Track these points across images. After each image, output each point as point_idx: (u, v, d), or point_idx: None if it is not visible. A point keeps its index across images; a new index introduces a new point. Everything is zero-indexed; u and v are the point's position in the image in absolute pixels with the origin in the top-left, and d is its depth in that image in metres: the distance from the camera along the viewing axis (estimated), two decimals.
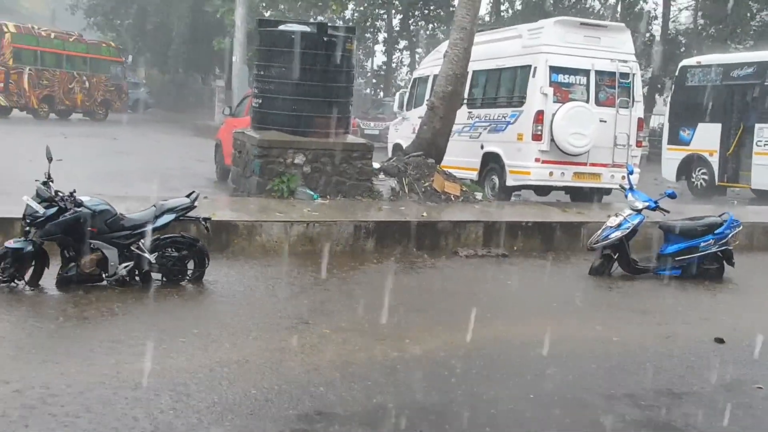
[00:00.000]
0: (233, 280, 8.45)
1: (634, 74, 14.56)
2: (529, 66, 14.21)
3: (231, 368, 5.62)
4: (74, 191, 7.60)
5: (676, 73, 20.83)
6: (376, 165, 12.96)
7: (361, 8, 33.33)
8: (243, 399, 5.09)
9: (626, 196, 10.07)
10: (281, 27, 12.49)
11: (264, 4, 34.48)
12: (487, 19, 33.87)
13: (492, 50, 15.07)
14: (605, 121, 14.17)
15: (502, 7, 37.58)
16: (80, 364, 5.54)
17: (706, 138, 18.92)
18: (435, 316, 7.53)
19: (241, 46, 26.41)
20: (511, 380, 5.82)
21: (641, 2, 34.94)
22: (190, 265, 8.07)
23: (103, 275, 7.64)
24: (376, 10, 33.93)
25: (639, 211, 9.77)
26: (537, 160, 13.96)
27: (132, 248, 7.75)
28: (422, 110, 15.15)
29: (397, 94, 22.46)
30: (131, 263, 7.75)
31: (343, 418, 4.94)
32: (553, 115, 13.77)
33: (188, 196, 8.26)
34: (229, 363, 5.73)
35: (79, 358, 5.69)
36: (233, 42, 27.66)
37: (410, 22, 37.12)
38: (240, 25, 26.37)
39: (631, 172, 10.48)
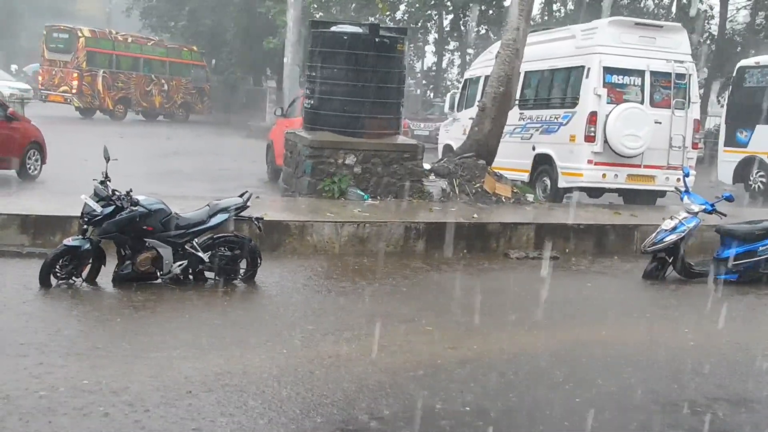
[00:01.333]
0: (285, 280, 8.51)
1: (690, 75, 14.29)
2: (583, 67, 14.05)
3: (302, 368, 5.67)
4: (131, 190, 7.73)
5: (734, 74, 20.38)
6: (426, 166, 12.95)
7: (413, 9, 33.32)
8: (321, 399, 5.13)
9: (682, 199, 9.89)
10: (333, 28, 12.55)
11: (315, 6, 34.67)
12: (538, 19, 33.57)
13: (544, 51, 14.93)
14: (660, 123, 13.94)
15: (554, 7, 37.28)
16: (140, 363, 5.62)
17: (765, 140, 18.47)
18: (491, 318, 7.47)
19: (292, 47, 26.54)
20: (584, 384, 5.74)
21: (698, 2, 34.31)
22: (243, 264, 8.16)
23: (158, 273, 7.77)
24: (428, 11, 33.87)
25: (695, 214, 9.59)
26: (590, 161, 13.78)
27: (186, 247, 7.86)
28: (473, 111, 15.08)
29: (448, 95, 22.42)
30: (185, 262, 7.86)
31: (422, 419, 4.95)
32: (607, 116, 13.59)
33: (241, 195, 8.36)
34: (296, 363, 5.78)
35: (139, 355, 5.79)
36: (285, 43, 27.84)
37: (461, 22, 36.99)
38: (291, 26, 26.49)
39: (687, 175, 10.30)
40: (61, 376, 5.22)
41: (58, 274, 7.45)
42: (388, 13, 19.97)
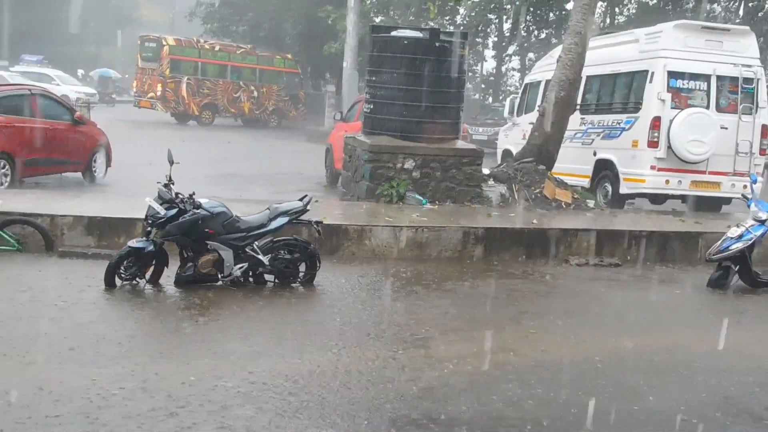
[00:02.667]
0: (343, 283, 8.53)
1: (758, 79, 13.92)
2: (646, 71, 13.80)
3: (358, 371, 5.70)
4: (193, 193, 7.85)
5: None
6: (485, 171, 12.87)
7: (473, 13, 33.23)
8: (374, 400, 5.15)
9: (749, 206, 9.64)
10: (394, 33, 12.57)
11: (375, 10, 34.81)
12: (600, 23, 33.13)
13: (607, 55, 14.72)
14: (726, 128, 13.61)
15: (617, 11, 36.74)
16: (204, 363, 5.70)
17: None
18: (556, 324, 7.41)
19: (351, 52, 26.71)
20: (661, 391, 5.69)
21: (767, 4, 33.45)
22: (302, 267, 8.22)
23: (219, 275, 7.86)
24: (488, 15, 33.71)
25: (762, 222, 9.33)
26: (653, 167, 13.53)
27: (246, 250, 7.94)
28: (533, 116, 14.95)
29: (508, 99, 22.24)
30: (245, 264, 7.94)
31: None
32: (671, 121, 13.33)
33: (301, 199, 8.41)
34: (357, 364, 5.81)
35: (204, 356, 5.87)
36: (344, 48, 28.01)
37: (521, 26, 36.72)
38: (351, 30, 26.68)
39: (754, 181, 10.04)
40: (136, 374, 5.34)
41: (123, 275, 7.59)
42: (431, 7, 19.92)
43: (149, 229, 7.73)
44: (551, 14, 34.68)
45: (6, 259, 8.45)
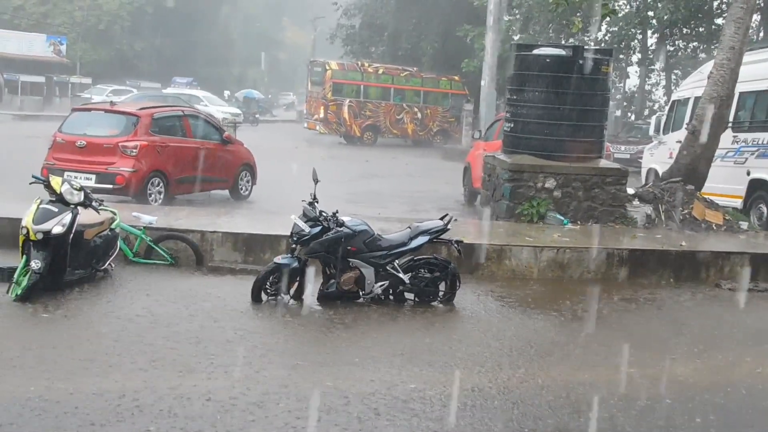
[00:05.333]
0: (483, 303, 8.45)
1: None
2: None
3: (506, 389, 5.65)
4: (337, 211, 7.99)
5: None
6: (630, 191, 12.47)
7: (615, 28, 32.37)
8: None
9: None
10: (536, 51, 12.40)
11: (514, 28, 34.53)
12: (754, 36, 31.56)
13: (762, 70, 13.98)
14: None
15: None
16: (349, 375, 5.80)
17: None
18: (718, 352, 7.09)
19: (490, 70, 26.53)
20: None
21: None
22: (442, 286, 8.20)
23: (360, 293, 7.96)
24: (632, 30, 32.75)
25: None
26: None
27: (387, 268, 8.00)
28: (681, 134, 14.38)
29: (654, 117, 21.57)
30: (386, 282, 8.00)
31: None
32: None
33: (442, 218, 8.41)
34: (502, 384, 5.76)
35: (347, 366, 5.97)
36: (482, 66, 27.90)
37: (667, 42, 35.43)
38: (489, 48, 26.50)
39: None
40: (275, 382, 5.47)
41: (268, 290, 7.80)
42: (575, 23, 19.49)
43: (294, 246, 7.91)
44: (701, 29, 33.27)
45: (161, 273, 8.86)
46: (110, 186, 12.28)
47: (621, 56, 36.83)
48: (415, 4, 39.64)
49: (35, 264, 7.27)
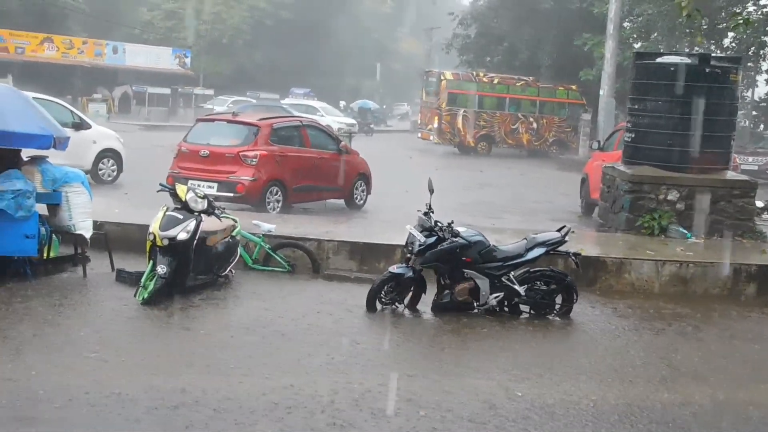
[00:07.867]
0: (601, 317, 8.24)
1: None
2: None
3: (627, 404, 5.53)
4: (452, 222, 7.96)
5: None
6: (759, 203, 11.92)
7: (743, 36, 31.03)
8: None
9: None
10: (659, 59, 12.04)
11: (635, 36, 33.65)
12: None
13: None
14: None
15: None
16: (457, 384, 5.76)
17: None
18: None
19: (609, 79, 25.93)
20: None
21: None
22: (558, 299, 8.05)
23: (475, 304, 7.89)
24: (762, 37, 31.29)
25: None
26: None
27: (503, 279, 7.91)
28: None
29: None
30: (501, 294, 7.91)
31: None
32: None
33: (559, 230, 8.26)
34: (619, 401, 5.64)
35: (464, 375, 5.97)
36: (601, 75, 27.30)
37: None
38: (609, 57, 25.93)
39: None
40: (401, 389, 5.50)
41: (383, 299, 7.85)
42: (713, 41, 18.80)
43: (409, 255, 7.93)
44: None
45: (278, 279, 9.04)
46: (231, 194, 12.61)
47: (749, 64, 35.29)
48: (532, 14, 39.18)
49: (161, 269, 7.55)
